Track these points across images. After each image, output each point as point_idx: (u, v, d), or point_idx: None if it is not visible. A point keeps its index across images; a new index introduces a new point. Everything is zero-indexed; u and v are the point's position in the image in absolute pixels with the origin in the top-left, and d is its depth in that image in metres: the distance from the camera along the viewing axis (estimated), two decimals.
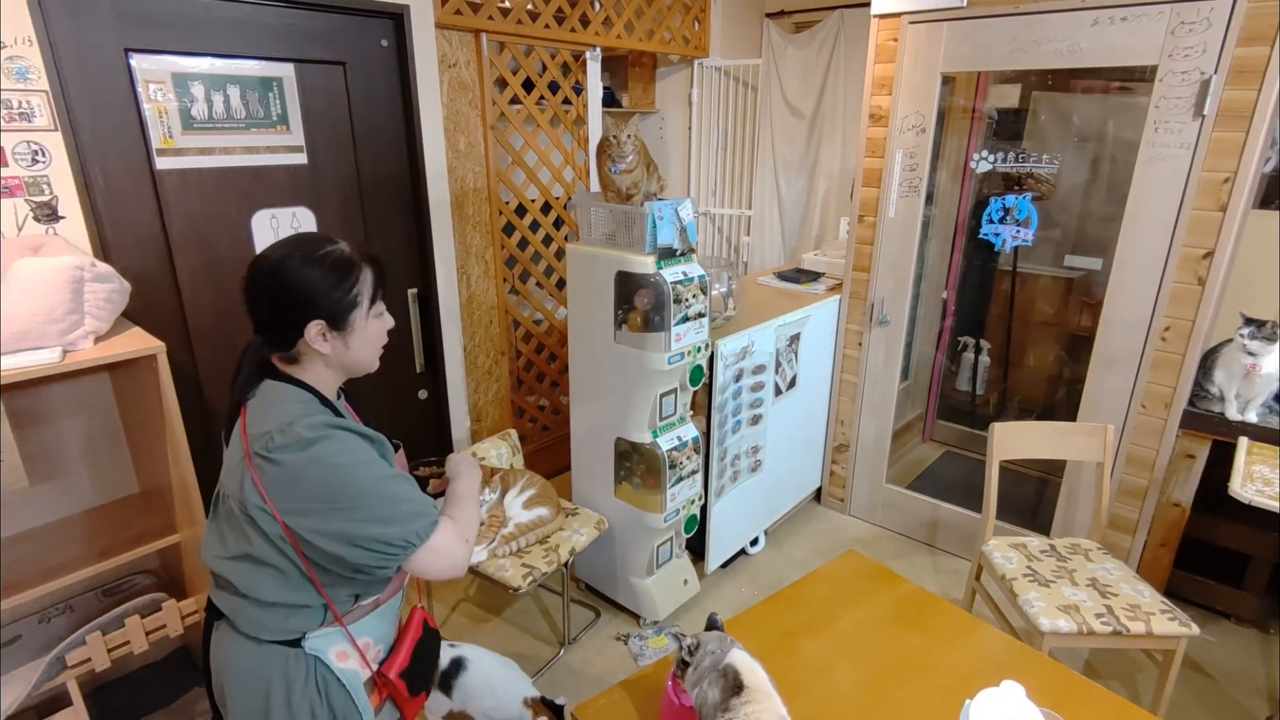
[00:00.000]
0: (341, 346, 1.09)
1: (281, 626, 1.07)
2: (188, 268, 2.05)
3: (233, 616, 1.08)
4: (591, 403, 2.26)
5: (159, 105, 1.90)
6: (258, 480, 0.99)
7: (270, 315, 1.08)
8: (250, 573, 1.04)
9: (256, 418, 1.02)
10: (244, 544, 1.03)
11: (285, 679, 1.07)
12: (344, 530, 0.99)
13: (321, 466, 0.99)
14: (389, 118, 2.39)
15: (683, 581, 2.41)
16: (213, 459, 2.21)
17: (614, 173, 1.94)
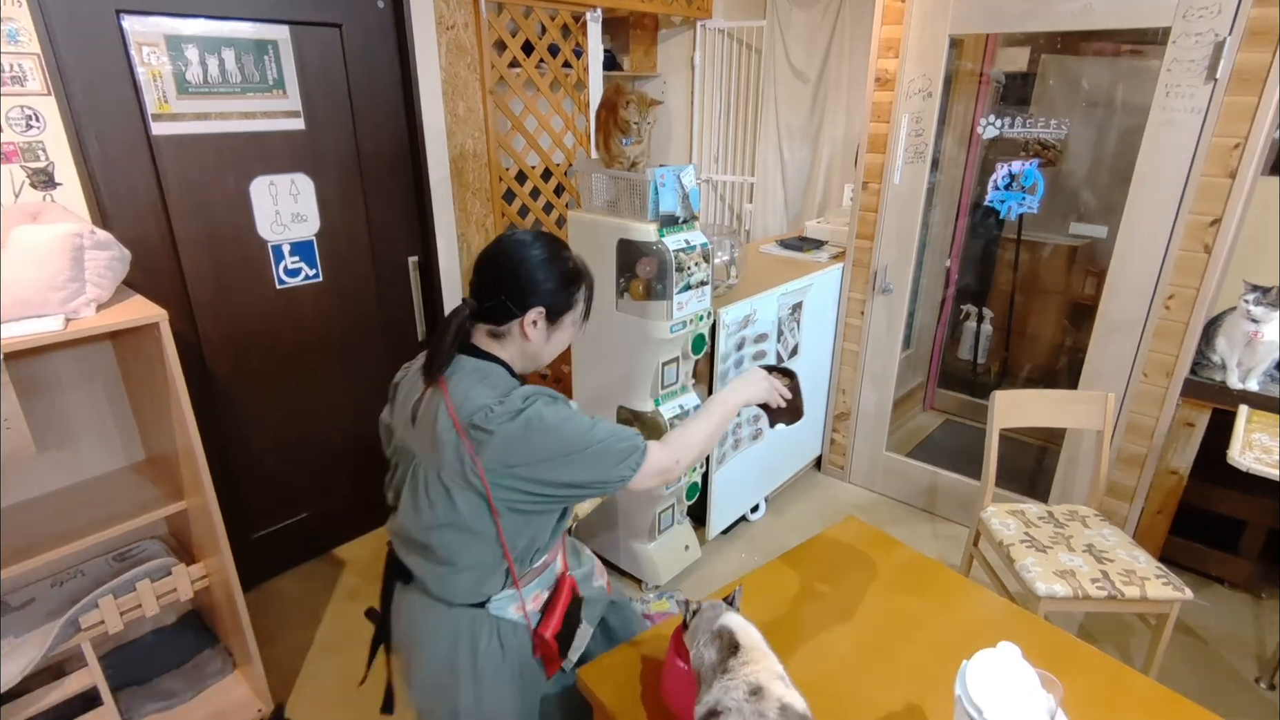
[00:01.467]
0: (544, 338, 1.19)
1: (474, 590, 1.17)
2: (187, 236, 2.03)
3: (427, 581, 1.18)
4: (593, 371, 2.27)
5: (153, 69, 1.86)
6: (472, 451, 1.07)
7: (502, 291, 1.15)
8: (454, 540, 1.13)
9: (464, 394, 1.10)
10: (451, 513, 1.10)
11: (471, 638, 1.19)
12: (570, 479, 1.10)
13: (539, 429, 1.07)
14: (387, 81, 2.36)
15: (684, 547, 2.44)
16: (216, 427, 2.23)
17: (625, 144, 1.92)
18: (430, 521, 1.13)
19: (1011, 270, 3.38)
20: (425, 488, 1.12)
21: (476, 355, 1.16)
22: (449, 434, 1.07)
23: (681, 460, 1.20)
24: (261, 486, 2.40)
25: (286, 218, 2.23)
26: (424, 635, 1.21)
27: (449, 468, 1.08)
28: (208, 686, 1.94)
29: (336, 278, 2.39)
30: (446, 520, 1.11)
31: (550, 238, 1.22)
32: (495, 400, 1.08)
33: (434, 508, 1.12)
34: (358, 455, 2.62)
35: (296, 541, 2.54)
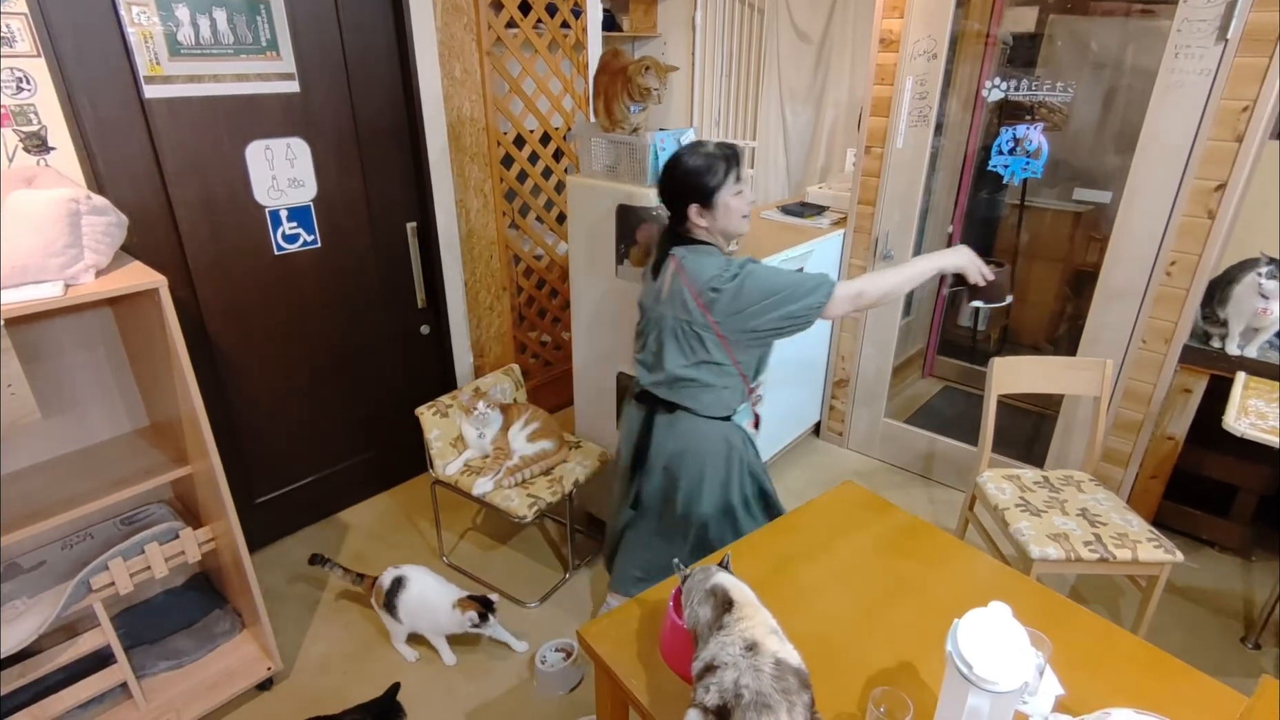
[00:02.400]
0: (712, 219, 1.61)
1: (726, 405, 1.73)
2: (184, 201, 2.02)
3: (693, 404, 1.71)
4: (593, 338, 2.27)
5: (143, 29, 1.83)
6: (706, 309, 1.57)
7: (670, 200, 1.65)
8: (708, 371, 1.65)
9: (695, 270, 1.58)
10: (701, 353, 1.63)
11: (726, 441, 1.76)
12: (787, 312, 1.54)
13: (751, 283, 1.54)
14: (381, 43, 2.31)
15: None
16: (218, 393, 2.25)
17: (634, 112, 1.90)
18: (691, 360, 1.64)
19: (1014, 236, 3.36)
20: (684, 339, 1.63)
21: (691, 242, 1.63)
22: (690, 300, 1.58)
23: (868, 292, 1.58)
24: (264, 451, 2.42)
25: (283, 183, 2.21)
26: (694, 443, 1.74)
27: (697, 322, 1.59)
28: (217, 646, 1.99)
29: (335, 243, 2.38)
30: (701, 359, 1.63)
31: (687, 146, 1.63)
32: (718, 270, 1.55)
33: (694, 351, 1.63)
34: (359, 420, 2.64)
35: (300, 506, 2.57)
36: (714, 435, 1.75)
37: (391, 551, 2.48)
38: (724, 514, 1.81)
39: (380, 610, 2.03)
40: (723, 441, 1.76)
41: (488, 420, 2.17)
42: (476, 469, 2.18)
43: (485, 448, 2.20)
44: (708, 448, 1.75)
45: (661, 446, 1.79)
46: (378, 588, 2.02)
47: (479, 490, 2.08)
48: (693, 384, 1.68)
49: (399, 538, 2.55)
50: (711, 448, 1.75)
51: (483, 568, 2.39)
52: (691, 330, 1.61)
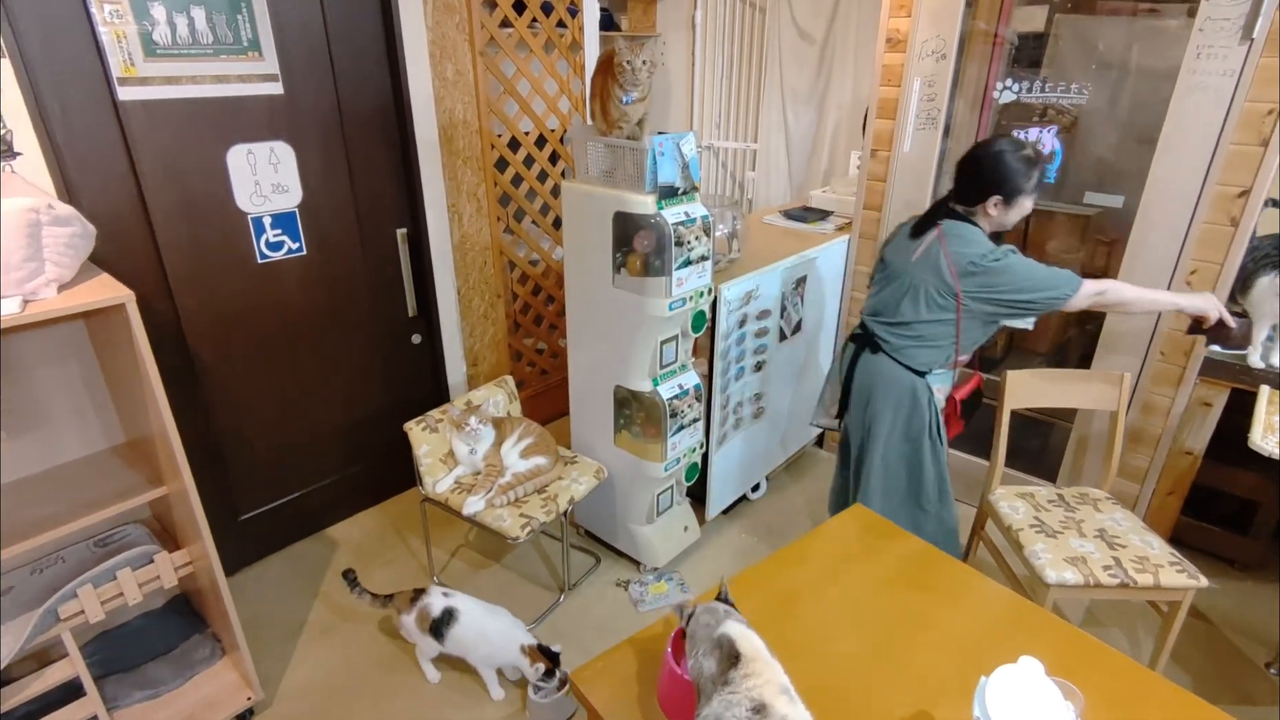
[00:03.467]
0: (1002, 214, 1.79)
1: (927, 362, 1.91)
2: (161, 208, 1.93)
3: (900, 352, 1.91)
4: (589, 349, 2.19)
5: (116, 29, 1.74)
6: (958, 278, 1.76)
7: (972, 182, 1.79)
8: (929, 328, 1.85)
9: (959, 245, 1.77)
10: (934, 312, 1.82)
11: (913, 392, 1.92)
12: (1032, 299, 1.75)
13: (1010, 270, 1.73)
14: (370, 43, 2.23)
15: (683, 528, 2.39)
16: (200, 406, 2.16)
17: (626, 103, 1.80)
18: (922, 316, 1.84)
19: (1020, 241, 3.26)
20: (924, 298, 1.82)
21: (960, 219, 1.80)
22: (945, 269, 1.77)
23: (1108, 294, 1.77)
24: (249, 467, 2.34)
25: (267, 188, 2.12)
26: (887, 385, 1.94)
27: (944, 288, 1.78)
28: (196, 673, 1.90)
29: (321, 251, 2.29)
30: (931, 318, 1.83)
31: (1013, 141, 1.76)
32: (984, 251, 1.74)
33: (928, 309, 1.83)
34: (348, 433, 2.56)
35: (287, 522, 2.49)
36: (904, 380, 1.92)
37: (382, 570, 2.39)
38: (914, 455, 1.99)
39: (418, 632, 1.90)
40: (909, 389, 1.92)
41: (479, 436, 2.08)
42: (468, 486, 2.09)
43: (477, 464, 2.11)
44: (894, 390, 1.93)
45: (860, 383, 1.99)
46: (422, 612, 1.88)
47: (469, 510, 2.00)
48: (910, 333, 1.88)
49: (390, 554, 2.46)
50: (899, 390, 1.93)
51: (475, 587, 2.30)
52: (935, 293, 1.80)
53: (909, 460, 2.00)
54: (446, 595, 1.91)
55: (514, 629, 1.87)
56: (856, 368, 2.01)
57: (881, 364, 1.94)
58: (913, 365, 1.91)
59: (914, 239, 1.86)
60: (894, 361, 1.92)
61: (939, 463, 2.01)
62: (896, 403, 1.94)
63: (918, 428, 1.95)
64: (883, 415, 1.96)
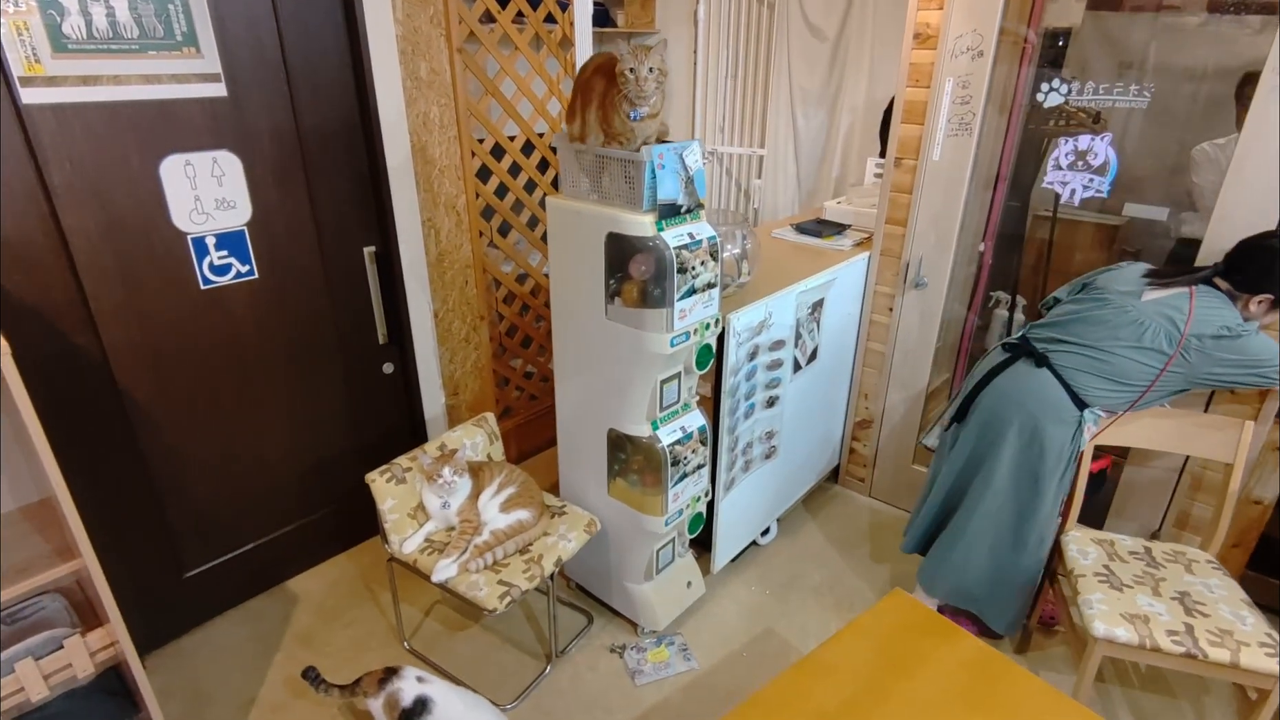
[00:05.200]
0: (1261, 313, 1.68)
1: (1098, 394, 1.75)
2: (79, 230, 1.66)
3: (1070, 374, 1.76)
4: (579, 386, 1.92)
5: (16, 19, 1.47)
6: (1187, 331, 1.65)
7: (1255, 272, 1.67)
8: (1130, 365, 1.71)
9: (1211, 304, 1.67)
10: (1148, 355, 1.69)
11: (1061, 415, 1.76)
12: (1253, 373, 1.65)
13: (1250, 347, 1.63)
14: (329, 37, 1.96)
15: (686, 584, 2.13)
16: (135, 454, 1.89)
17: (635, 119, 1.52)
18: (1126, 351, 1.71)
19: (1044, 252, 3.00)
20: (1144, 334, 1.69)
21: (1213, 291, 1.69)
22: (1181, 319, 1.66)
23: None
24: (195, 517, 2.06)
25: (209, 204, 1.85)
26: (1038, 402, 1.77)
27: (1171, 335, 1.66)
28: None
29: (275, 274, 2.02)
30: (1136, 357, 1.70)
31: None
32: (1230, 322, 1.63)
33: (1138, 347, 1.69)
34: (310, 475, 2.28)
35: (239, 577, 2.22)
36: (1060, 403, 1.76)
37: (345, 630, 2.12)
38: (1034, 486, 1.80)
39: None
40: (1060, 411, 1.76)
41: (453, 489, 1.81)
42: (440, 545, 1.83)
43: (450, 519, 1.85)
44: (1043, 409, 1.77)
45: (1002, 391, 1.84)
46: (391, 698, 1.60)
47: (440, 576, 1.73)
48: (1099, 360, 1.74)
49: (354, 614, 2.19)
50: (1049, 410, 1.77)
51: (449, 655, 2.04)
52: (1158, 335, 1.67)
53: (1027, 490, 1.82)
54: (421, 681, 1.63)
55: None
56: (1001, 375, 1.85)
57: (1041, 380, 1.79)
58: (1080, 392, 1.75)
59: (1151, 282, 1.75)
60: (1059, 381, 1.76)
61: (1055, 503, 1.83)
62: (1037, 424, 1.77)
63: (1054, 457, 1.77)
64: (1017, 434, 1.80)
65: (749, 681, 1.95)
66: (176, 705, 1.88)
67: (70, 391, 1.75)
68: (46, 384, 1.70)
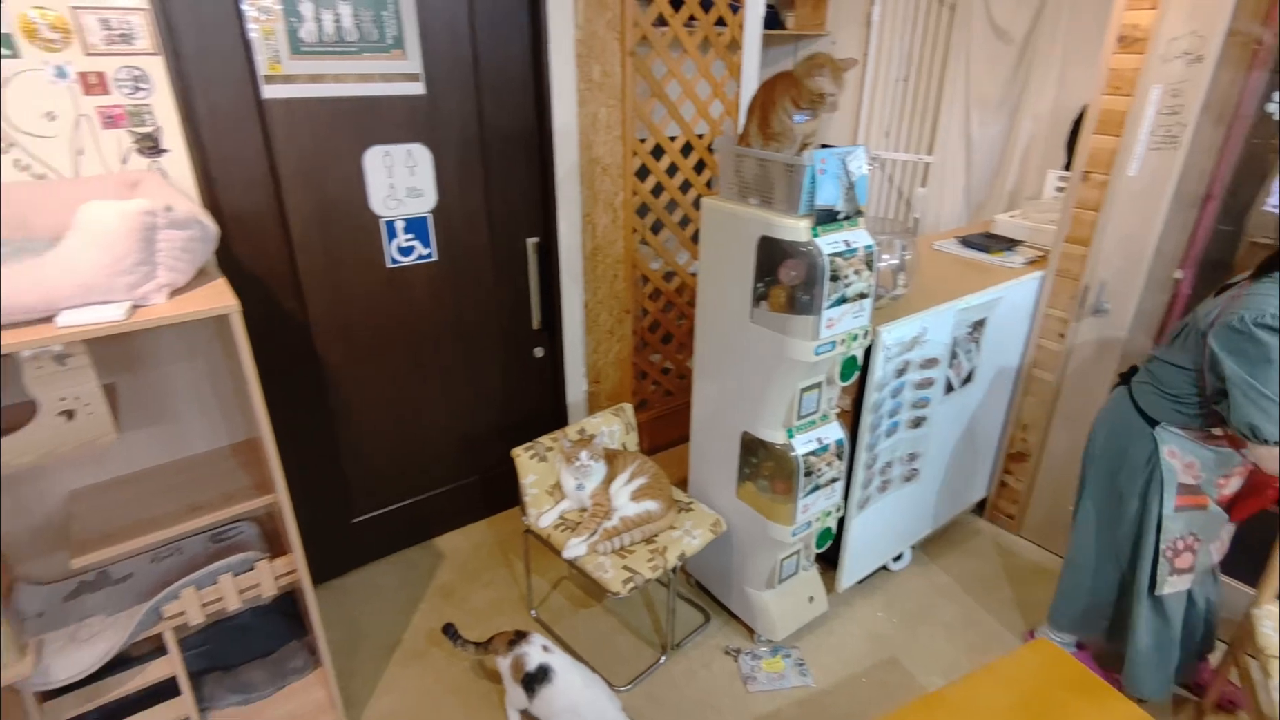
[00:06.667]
0: None
1: (1158, 410, 1.64)
2: (297, 208, 1.91)
3: (1137, 388, 1.69)
4: (717, 386, 1.94)
5: (265, 26, 1.72)
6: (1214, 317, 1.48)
7: None
8: (1169, 371, 1.61)
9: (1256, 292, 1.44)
10: (1179, 355, 1.58)
11: (1127, 437, 1.69)
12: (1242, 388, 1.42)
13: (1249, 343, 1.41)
14: (516, 40, 2.11)
15: (808, 599, 2.08)
16: (324, 408, 2.15)
17: (798, 122, 1.55)
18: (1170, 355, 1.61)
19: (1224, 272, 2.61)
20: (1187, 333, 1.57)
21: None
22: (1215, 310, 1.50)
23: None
24: (365, 470, 2.31)
25: (401, 191, 2.06)
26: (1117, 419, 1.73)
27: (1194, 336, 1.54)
28: (288, 684, 1.87)
29: (451, 258, 2.21)
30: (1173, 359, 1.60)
31: None
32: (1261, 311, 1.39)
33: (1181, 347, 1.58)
34: (463, 443, 2.48)
35: (397, 528, 2.45)
36: (1126, 423, 1.70)
37: (482, 591, 2.29)
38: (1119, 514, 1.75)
39: (510, 679, 1.76)
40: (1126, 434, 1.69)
41: (589, 473, 1.90)
42: (572, 524, 1.92)
43: (584, 500, 1.94)
44: (1114, 436, 1.73)
45: (1100, 422, 1.80)
46: (518, 660, 1.73)
47: (570, 554, 1.82)
48: (1152, 369, 1.66)
49: (490, 575, 2.35)
50: (1115, 434, 1.72)
51: (572, 630, 2.13)
52: (1193, 333, 1.56)
53: (1114, 505, 1.76)
54: (546, 650, 1.74)
55: (610, 709, 1.67)
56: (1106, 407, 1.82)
57: (1118, 397, 1.75)
58: (1145, 409, 1.67)
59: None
60: (1129, 400, 1.71)
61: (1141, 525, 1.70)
62: (1116, 437, 1.72)
63: (1130, 471, 1.69)
64: (1102, 449, 1.77)
65: (867, 708, 1.89)
66: (336, 635, 2.12)
67: (278, 350, 2.01)
68: (261, 341, 1.95)
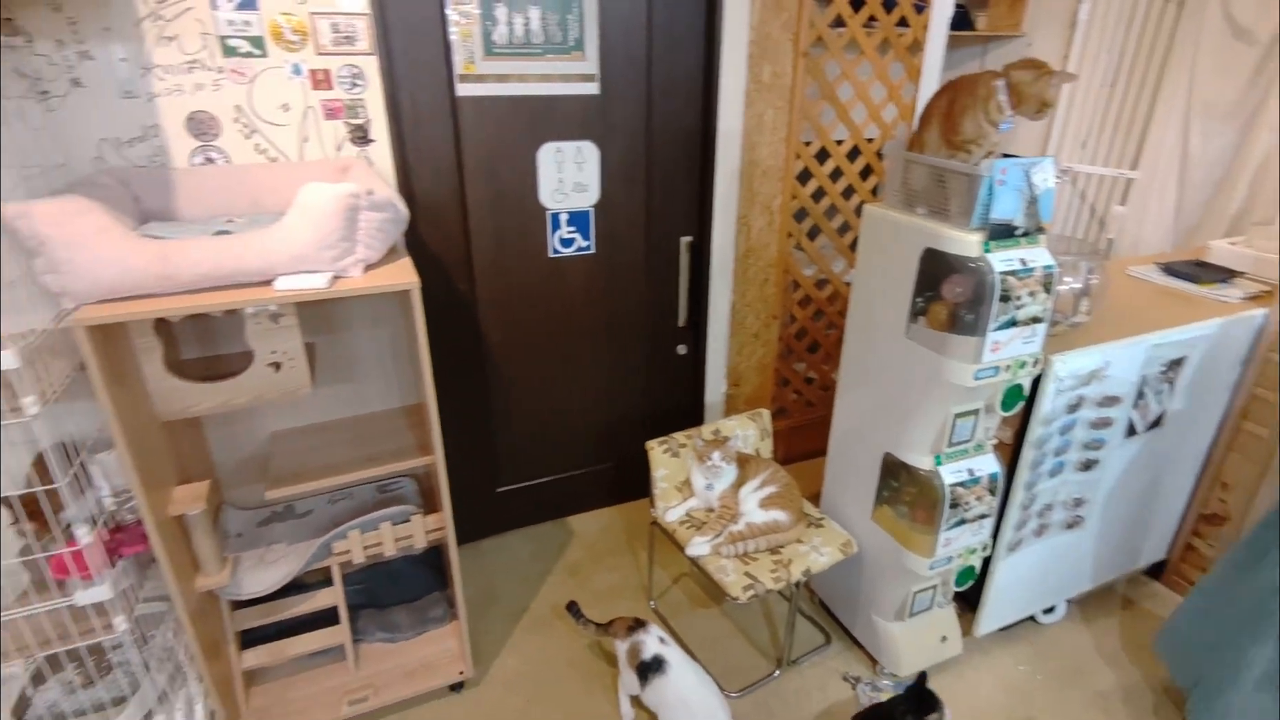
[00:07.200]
0: None
1: None
2: (476, 198, 2.08)
3: None
4: (861, 402, 1.86)
5: (464, 29, 1.88)
6: None
7: None
8: None
9: None
10: None
11: None
12: None
13: None
14: (689, 42, 2.14)
15: (940, 638, 1.96)
16: (482, 383, 2.31)
17: (1004, 129, 1.46)
18: None
19: None
20: None
21: None
22: None
23: None
24: (512, 444, 2.46)
25: (569, 186, 2.17)
26: None
27: None
28: (427, 631, 2.04)
29: (608, 252, 2.30)
30: None
31: None
32: None
33: None
34: (602, 430, 2.57)
35: (535, 502, 2.59)
36: None
37: (606, 574, 2.37)
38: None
39: (625, 664, 1.82)
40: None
41: (719, 474, 1.90)
42: (698, 522, 1.93)
43: (711, 501, 1.94)
44: None
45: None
46: (634, 647, 1.78)
47: (693, 551, 1.83)
48: None
49: (615, 560, 2.43)
50: None
51: (687, 627, 2.15)
52: None
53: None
54: (662, 642, 1.77)
55: (720, 711, 1.67)
56: None
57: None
58: None
59: None
60: None
61: None
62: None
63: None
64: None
65: None
66: (471, 593, 2.29)
67: (448, 326, 2.20)
68: (434, 317, 2.15)
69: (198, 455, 1.86)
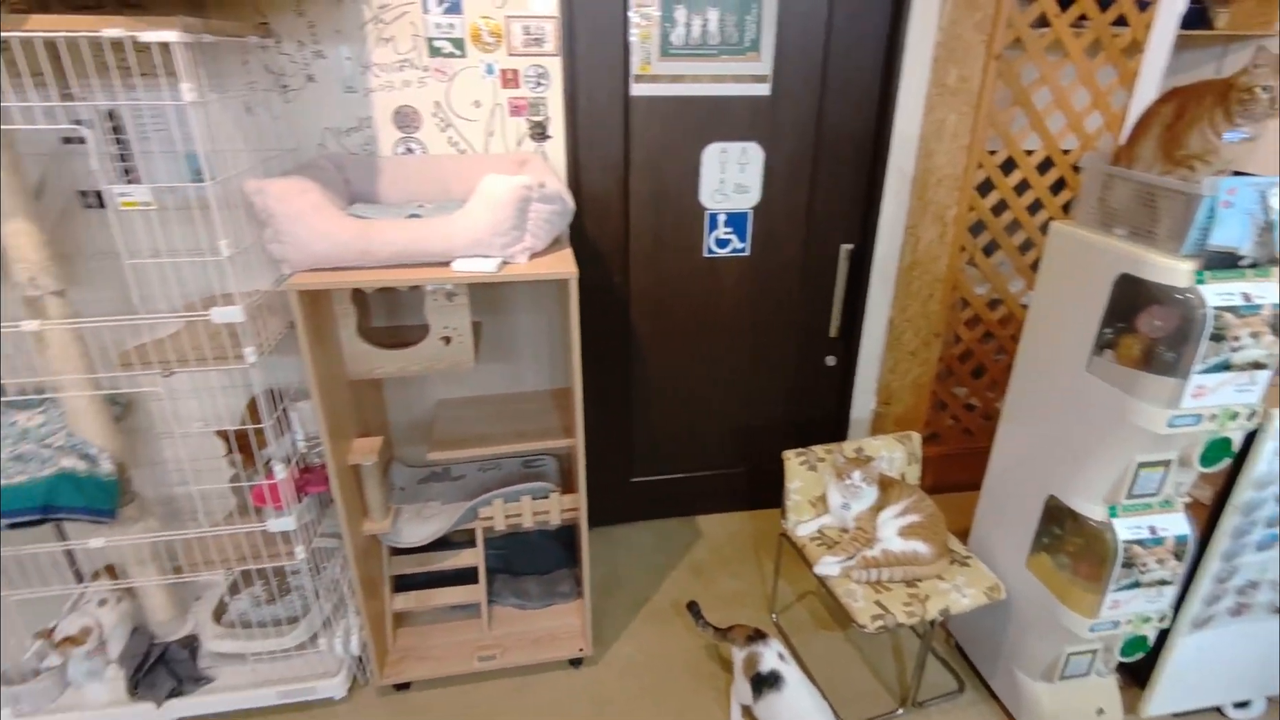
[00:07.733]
0: None
1: None
2: (638, 195, 2.14)
3: None
4: (1028, 436, 1.70)
5: (644, 30, 1.94)
6: None
7: None
8: None
9: None
10: None
11: None
12: None
13: None
14: (869, 47, 2.07)
15: (1096, 710, 1.75)
16: (628, 375, 2.38)
17: (1235, 139, 1.28)
18: None
19: None
20: None
21: None
22: None
23: None
24: (649, 438, 2.52)
25: (729, 187, 2.17)
26: None
27: None
28: (553, 604, 2.14)
29: (763, 255, 2.27)
30: None
31: None
32: None
33: None
34: (740, 433, 2.56)
35: (667, 497, 2.63)
36: None
37: (729, 580, 2.35)
38: None
39: (740, 673, 1.81)
40: None
41: (858, 494, 1.82)
42: (830, 541, 1.87)
43: (847, 521, 1.87)
44: None
45: None
46: (751, 657, 1.76)
47: (821, 570, 1.77)
48: None
49: (739, 567, 2.40)
50: None
51: (807, 647, 2.09)
52: None
53: None
54: (781, 658, 1.73)
55: None
56: None
57: None
58: None
59: None
60: None
61: None
62: None
63: None
64: None
65: None
66: (598, 575, 2.37)
67: (601, 317, 2.28)
68: (588, 307, 2.25)
69: (376, 414, 2.08)
